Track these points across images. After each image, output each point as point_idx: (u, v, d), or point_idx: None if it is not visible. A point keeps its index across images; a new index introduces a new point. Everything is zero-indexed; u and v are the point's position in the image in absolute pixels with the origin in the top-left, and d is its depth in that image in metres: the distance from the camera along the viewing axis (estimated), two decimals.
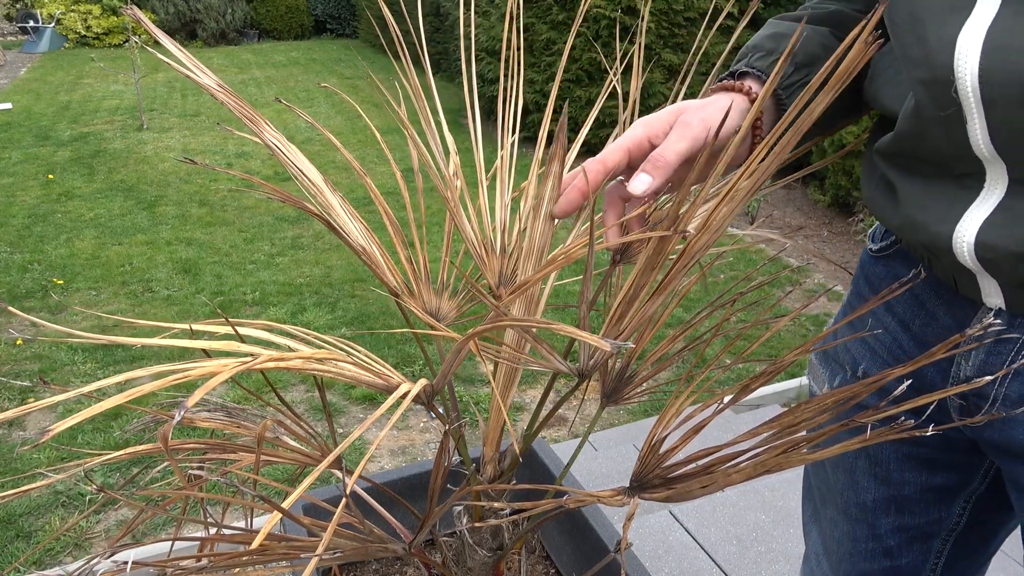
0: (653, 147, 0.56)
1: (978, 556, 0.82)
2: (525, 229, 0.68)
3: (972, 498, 0.77)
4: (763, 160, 0.49)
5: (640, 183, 0.54)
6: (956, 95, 0.48)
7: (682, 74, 0.83)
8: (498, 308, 0.55)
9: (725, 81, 0.61)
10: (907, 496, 0.77)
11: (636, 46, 0.72)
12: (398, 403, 0.46)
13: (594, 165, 0.56)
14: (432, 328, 0.64)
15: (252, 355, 0.46)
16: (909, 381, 0.55)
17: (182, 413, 0.32)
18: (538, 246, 0.64)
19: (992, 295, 0.57)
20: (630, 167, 0.58)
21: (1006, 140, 0.48)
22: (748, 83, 0.59)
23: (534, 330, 0.52)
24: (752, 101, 0.59)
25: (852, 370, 0.75)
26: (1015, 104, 0.46)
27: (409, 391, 0.48)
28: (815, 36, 0.63)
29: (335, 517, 0.42)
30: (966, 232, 0.52)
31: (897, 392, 0.49)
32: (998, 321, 0.58)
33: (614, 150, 0.57)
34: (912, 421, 0.43)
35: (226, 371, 0.37)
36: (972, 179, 0.52)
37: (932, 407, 0.67)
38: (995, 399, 0.60)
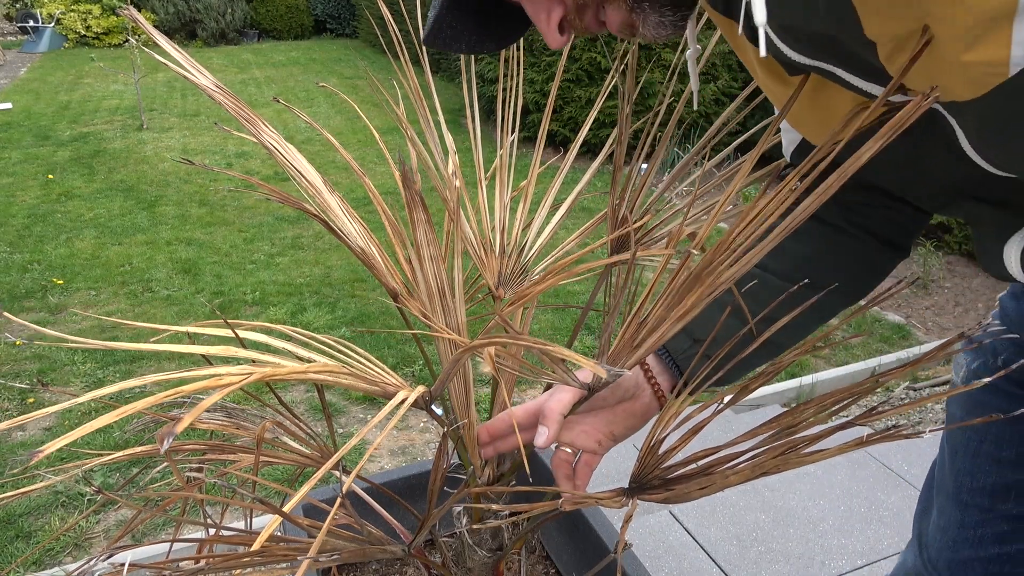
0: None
1: None
2: None
3: None
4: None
5: (539, 435, 0.65)
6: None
7: (679, 74, 0.83)
8: (506, 325, 0.55)
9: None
10: None
11: (635, 46, 0.72)
12: (396, 408, 0.46)
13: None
14: (430, 329, 0.64)
15: (252, 361, 0.46)
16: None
17: (169, 441, 0.32)
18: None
19: None
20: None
21: None
22: (648, 363, 0.70)
23: (542, 346, 0.52)
24: (646, 374, 0.68)
25: (993, 357, 0.79)
26: None
27: (406, 398, 0.47)
28: (715, 304, 0.69)
29: (327, 521, 0.42)
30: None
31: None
32: (996, 321, 0.61)
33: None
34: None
35: (222, 390, 0.37)
36: None
37: None
38: None
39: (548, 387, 0.71)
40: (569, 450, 0.69)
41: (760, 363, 0.67)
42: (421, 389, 0.50)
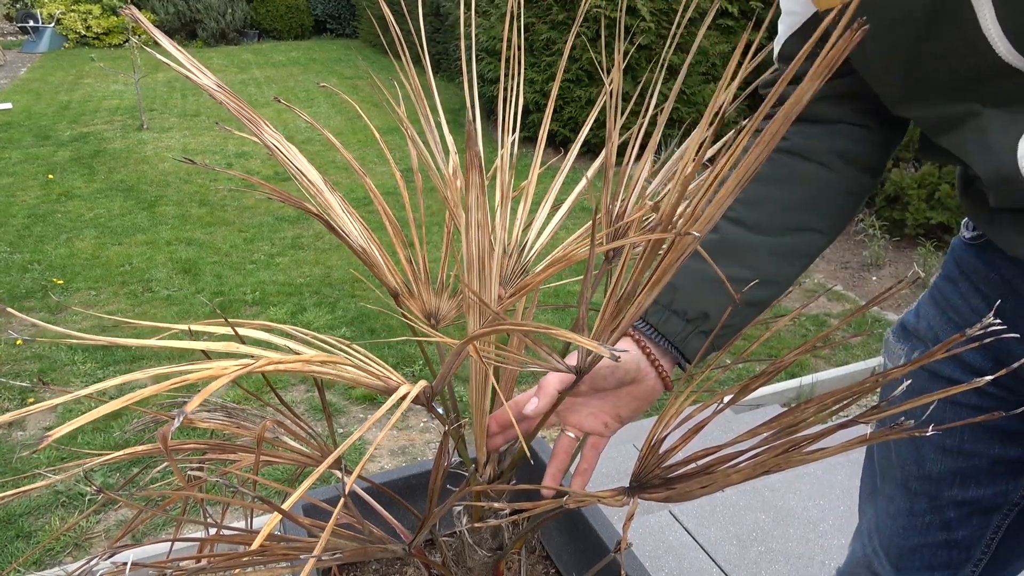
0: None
1: None
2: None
3: None
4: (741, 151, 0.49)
5: (530, 404, 0.65)
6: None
7: (682, 74, 0.83)
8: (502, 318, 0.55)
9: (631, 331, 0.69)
10: (976, 467, 0.79)
11: (634, 46, 0.72)
12: (397, 404, 0.46)
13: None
14: (428, 334, 0.64)
15: (252, 357, 0.46)
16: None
17: (180, 420, 0.32)
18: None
19: None
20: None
21: None
22: (639, 334, 0.69)
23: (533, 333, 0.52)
24: (640, 348, 0.68)
25: (934, 343, 0.78)
26: None
27: (408, 393, 0.48)
28: (704, 282, 0.68)
29: (332, 519, 0.42)
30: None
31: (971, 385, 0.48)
32: (997, 320, 0.60)
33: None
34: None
35: (225, 376, 0.37)
36: None
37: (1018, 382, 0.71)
38: None
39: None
40: (573, 435, 0.70)
41: (750, 320, 0.68)
42: (423, 384, 0.50)
